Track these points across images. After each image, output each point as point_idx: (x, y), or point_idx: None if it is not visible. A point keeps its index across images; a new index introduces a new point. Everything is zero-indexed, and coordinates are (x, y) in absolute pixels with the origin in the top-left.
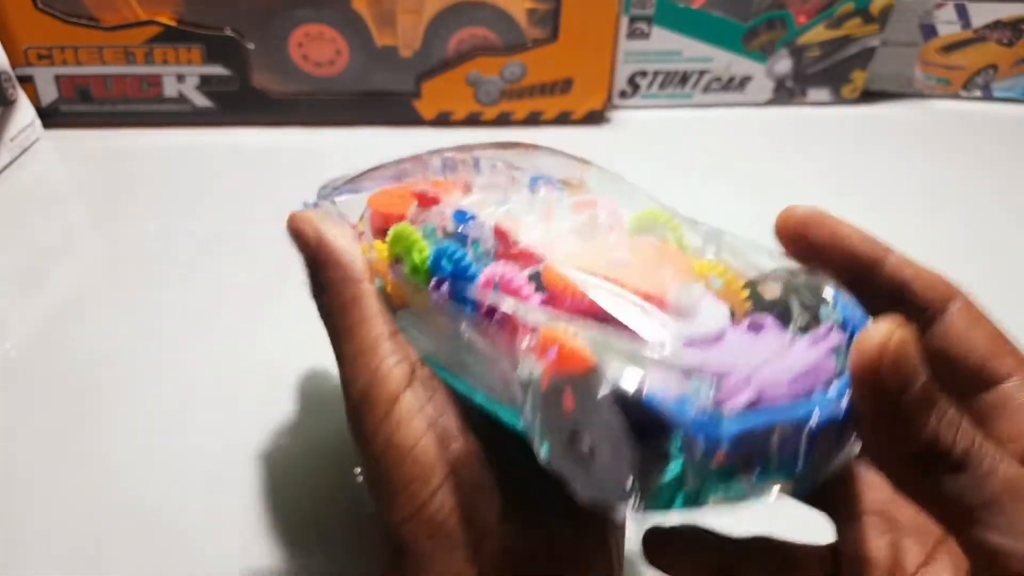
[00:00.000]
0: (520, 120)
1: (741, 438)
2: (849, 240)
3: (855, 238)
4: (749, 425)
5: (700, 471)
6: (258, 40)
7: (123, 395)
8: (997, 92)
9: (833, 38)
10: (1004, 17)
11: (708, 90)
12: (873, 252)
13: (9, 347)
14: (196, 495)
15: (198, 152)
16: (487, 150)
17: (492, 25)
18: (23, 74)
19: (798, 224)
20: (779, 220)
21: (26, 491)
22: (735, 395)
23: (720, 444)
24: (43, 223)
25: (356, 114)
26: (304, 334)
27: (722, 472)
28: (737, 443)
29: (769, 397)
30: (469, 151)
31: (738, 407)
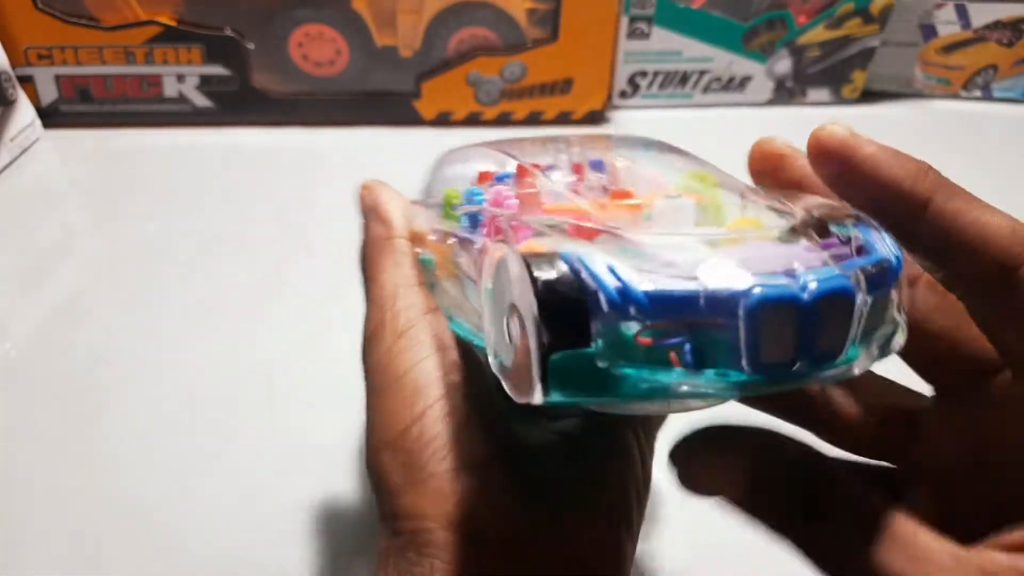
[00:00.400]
0: (520, 120)
1: (657, 305)
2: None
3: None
4: (666, 289)
5: (619, 348)
6: (258, 40)
7: (123, 395)
8: (997, 92)
9: (833, 38)
10: (1004, 17)
11: (708, 90)
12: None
13: (9, 347)
14: (196, 495)
15: (198, 152)
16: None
17: (492, 25)
18: (23, 74)
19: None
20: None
21: (26, 491)
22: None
23: (630, 308)
24: (43, 223)
25: (356, 114)
26: (304, 334)
27: (648, 355)
28: (652, 310)
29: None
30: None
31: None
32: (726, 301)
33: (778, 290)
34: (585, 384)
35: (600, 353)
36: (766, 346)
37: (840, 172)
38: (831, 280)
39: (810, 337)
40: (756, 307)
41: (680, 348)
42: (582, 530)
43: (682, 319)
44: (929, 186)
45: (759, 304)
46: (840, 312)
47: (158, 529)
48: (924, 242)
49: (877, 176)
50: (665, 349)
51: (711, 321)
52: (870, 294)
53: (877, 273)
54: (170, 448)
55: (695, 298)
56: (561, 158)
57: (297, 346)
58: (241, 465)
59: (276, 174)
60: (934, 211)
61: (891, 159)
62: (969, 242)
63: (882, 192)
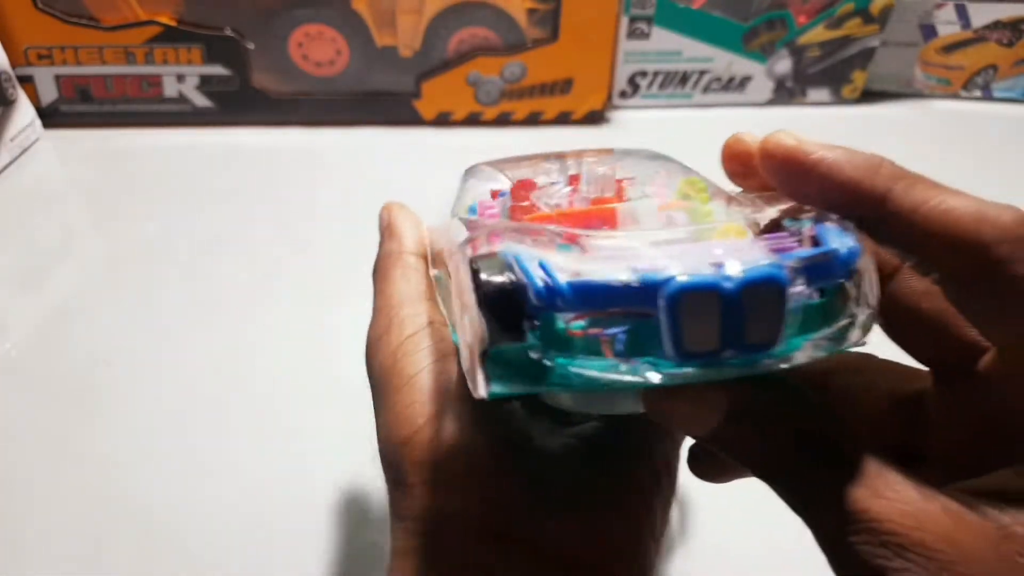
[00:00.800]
0: (520, 120)
1: (581, 295)
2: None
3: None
4: (591, 280)
5: (552, 340)
6: (258, 40)
7: (123, 394)
8: (997, 92)
9: (833, 38)
10: (1004, 17)
11: (708, 90)
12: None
13: (9, 347)
14: (196, 494)
15: (198, 152)
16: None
17: (492, 25)
18: (23, 74)
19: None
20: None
21: (26, 491)
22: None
23: (556, 300)
24: (43, 223)
25: (356, 114)
26: (303, 333)
27: (579, 346)
28: (576, 300)
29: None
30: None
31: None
32: (647, 290)
33: (699, 278)
34: (522, 376)
35: (534, 345)
36: (690, 334)
37: (792, 180)
38: (757, 269)
39: (736, 325)
40: (676, 295)
41: (613, 338)
42: (594, 529)
43: (607, 309)
44: (886, 179)
45: (679, 292)
46: (769, 301)
47: (158, 528)
48: (890, 235)
49: (831, 179)
50: (597, 339)
51: (639, 311)
52: (811, 285)
53: (819, 263)
54: (169, 447)
55: (617, 288)
56: (562, 172)
57: (296, 345)
58: (241, 464)
59: (276, 174)
60: (894, 203)
61: (842, 159)
62: (934, 230)
63: (839, 194)
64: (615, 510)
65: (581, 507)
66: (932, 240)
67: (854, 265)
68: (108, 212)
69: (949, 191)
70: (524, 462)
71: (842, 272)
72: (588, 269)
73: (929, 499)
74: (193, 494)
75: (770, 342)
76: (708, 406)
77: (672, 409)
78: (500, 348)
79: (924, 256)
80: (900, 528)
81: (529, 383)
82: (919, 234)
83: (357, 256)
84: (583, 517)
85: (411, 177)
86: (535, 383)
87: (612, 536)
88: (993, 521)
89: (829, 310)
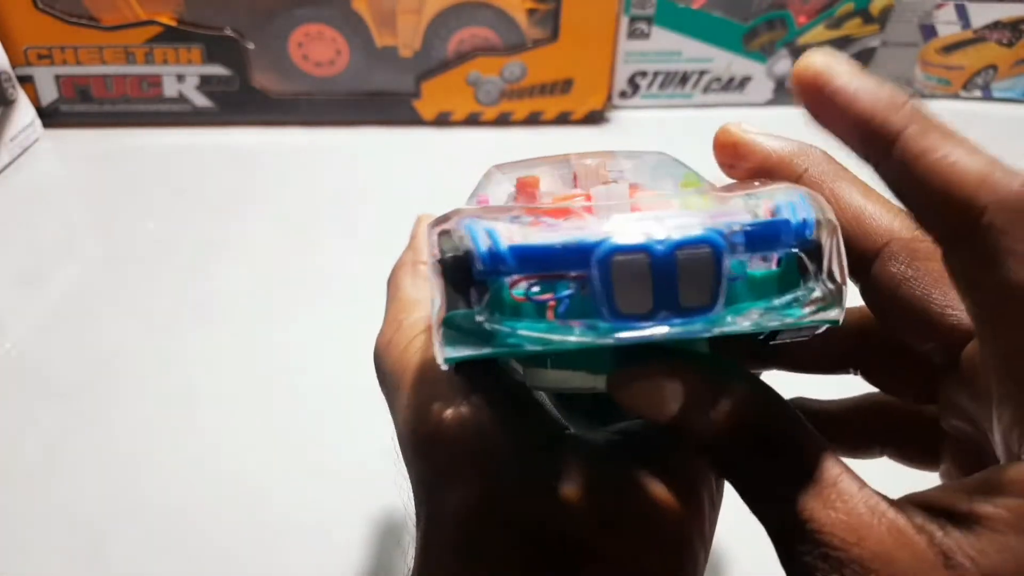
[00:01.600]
0: (520, 120)
1: (521, 258)
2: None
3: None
4: (531, 243)
5: (499, 305)
6: (258, 40)
7: (123, 394)
8: (997, 92)
9: (833, 38)
10: (1004, 17)
11: (708, 90)
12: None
13: (10, 346)
14: (196, 493)
15: (198, 152)
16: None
17: (492, 25)
18: (23, 74)
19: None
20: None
21: (27, 489)
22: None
23: (498, 264)
24: (43, 223)
25: (356, 114)
26: (303, 332)
27: (524, 310)
28: (517, 264)
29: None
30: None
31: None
32: (583, 253)
33: (630, 241)
34: (471, 340)
35: (480, 310)
36: (622, 295)
37: (816, 104)
38: (691, 231)
39: (668, 288)
40: (607, 256)
41: (559, 302)
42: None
43: (547, 272)
44: (902, 118)
45: (610, 253)
46: (703, 264)
47: (159, 527)
48: (890, 179)
49: (847, 109)
50: (543, 303)
51: (576, 274)
52: (754, 252)
53: (763, 232)
54: (169, 447)
55: (555, 250)
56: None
57: (297, 344)
58: (242, 462)
59: (276, 174)
60: (901, 146)
61: (862, 90)
62: (932, 183)
63: (852, 127)
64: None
65: (639, 512)
66: (928, 195)
67: (808, 237)
68: (108, 212)
69: (963, 144)
70: (556, 458)
71: (790, 242)
72: (533, 235)
73: (877, 515)
74: (193, 492)
75: (706, 306)
76: (666, 395)
77: (629, 396)
78: (452, 314)
79: (915, 208)
80: (840, 543)
81: (477, 346)
82: (915, 183)
83: (357, 254)
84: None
85: (411, 177)
86: (483, 346)
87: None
88: (937, 545)
89: (783, 281)
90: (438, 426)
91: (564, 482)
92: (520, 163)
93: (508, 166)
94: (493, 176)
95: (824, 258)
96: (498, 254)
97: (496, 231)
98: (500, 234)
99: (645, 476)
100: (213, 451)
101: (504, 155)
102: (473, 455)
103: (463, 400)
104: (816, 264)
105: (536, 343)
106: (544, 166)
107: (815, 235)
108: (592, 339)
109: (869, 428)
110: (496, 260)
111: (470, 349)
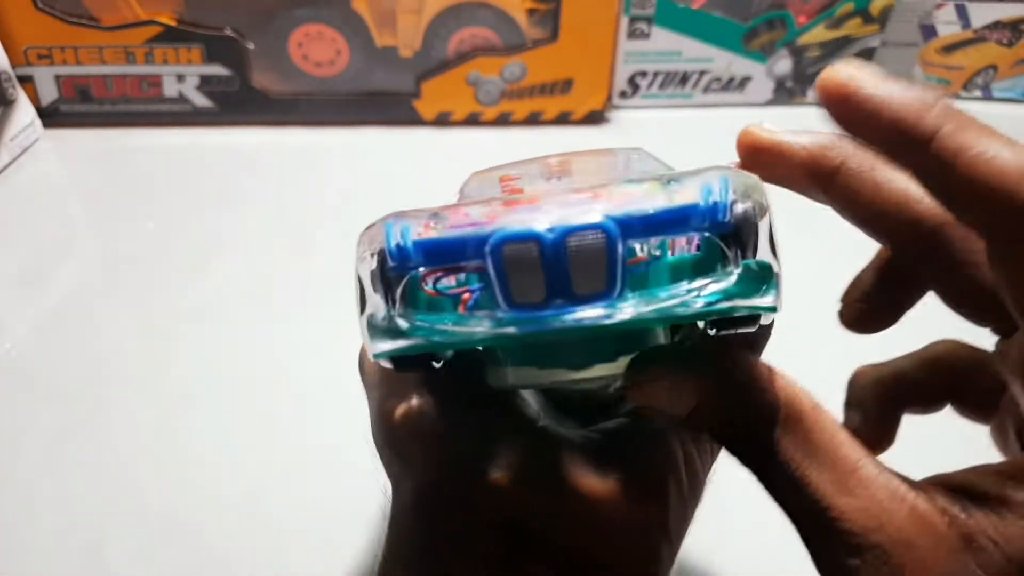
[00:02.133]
0: (520, 120)
1: (426, 252)
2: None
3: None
4: (433, 238)
5: (414, 300)
6: (258, 40)
7: (123, 394)
8: (997, 92)
9: (833, 38)
10: (1004, 17)
11: (708, 90)
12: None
13: (10, 347)
14: (195, 494)
15: (198, 152)
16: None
17: (492, 25)
18: (23, 74)
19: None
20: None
21: (27, 490)
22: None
23: (407, 259)
24: (43, 223)
25: (356, 114)
26: (303, 332)
27: (437, 304)
28: (422, 258)
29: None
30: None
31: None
32: (478, 244)
33: (518, 230)
34: (391, 336)
35: (398, 307)
36: (516, 284)
37: (845, 112)
38: (582, 219)
39: (560, 276)
40: (497, 246)
41: (472, 293)
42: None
43: (449, 264)
44: (935, 119)
45: (500, 243)
46: (595, 251)
47: (158, 527)
48: (931, 183)
49: (881, 112)
50: (457, 297)
51: (475, 266)
52: (654, 235)
53: (666, 216)
54: (169, 447)
55: (455, 243)
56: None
57: (296, 345)
58: (241, 464)
59: (276, 174)
60: (937, 147)
61: (891, 95)
62: (974, 181)
63: (886, 134)
64: (616, 502)
65: (590, 503)
66: (970, 192)
67: (722, 220)
68: (108, 212)
69: (1000, 139)
70: (514, 448)
71: (700, 225)
72: (444, 230)
73: (897, 499)
74: (193, 493)
75: (602, 292)
76: (683, 395)
77: (645, 395)
78: (374, 311)
79: (960, 209)
80: (860, 529)
81: (399, 341)
82: (957, 184)
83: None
84: (592, 513)
85: (411, 177)
86: (399, 340)
87: (610, 529)
88: (959, 527)
89: (702, 265)
90: (395, 421)
91: (517, 471)
92: (505, 165)
93: (487, 170)
94: (474, 177)
95: (747, 241)
96: (404, 249)
97: (409, 227)
98: (412, 230)
99: (600, 468)
100: (213, 451)
101: (504, 155)
102: (425, 447)
103: (413, 395)
104: (737, 248)
105: (444, 335)
106: (521, 167)
107: (730, 218)
108: (494, 331)
109: (941, 383)
110: (403, 255)
111: (392, 344)
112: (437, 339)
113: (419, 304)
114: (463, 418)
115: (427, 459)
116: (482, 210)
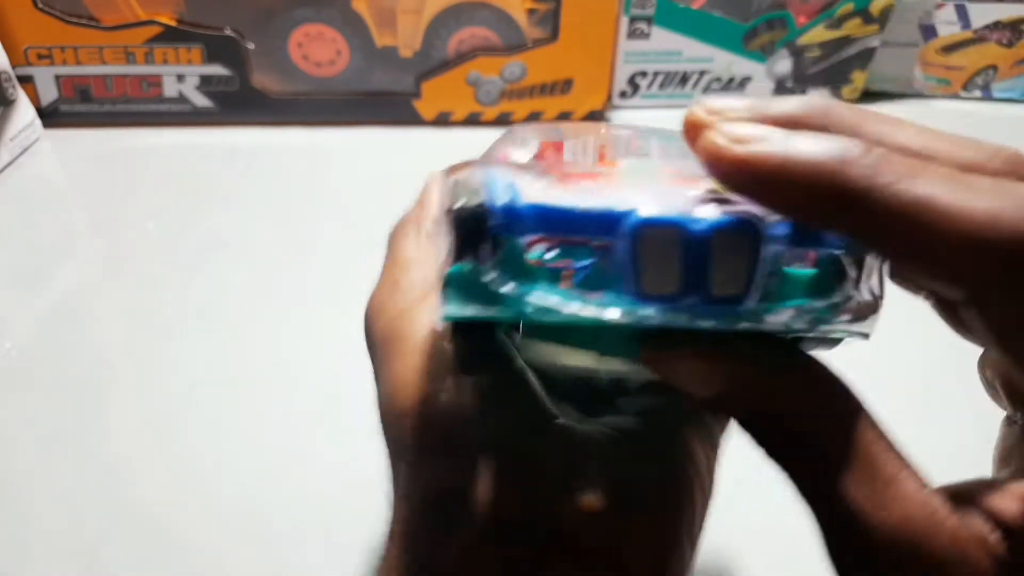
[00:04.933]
0: (520, 120)
1: (540, 218)
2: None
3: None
4: (553, 204)
5: (512, 265)
6: (258, 40)
7: (123, 395)
8: (997, 92)
9: (833, 38)
10: (1004, 17)
11: (708, 90)
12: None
13: (10, 347)
14: (196, 494)
15: (198, 152)
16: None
17: (492, 25)
18: (23, 74)
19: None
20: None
21: (27, 490)
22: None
23: (514, 222)
24: (43, 223)
25: (356, 114)
26: (304, 333)
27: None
28: (535, 224)
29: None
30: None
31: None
32: (609, 221)
33: (663, 215)
34: (476, 299)
35: (489, 268)
36: (649, 273)
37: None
38: (729, 216)
39: (699, 271)
40: (636, 228)
41: (576, 272)
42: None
43: (567, 236)
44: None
45: (640, 226)
46: (741, 251)
47: (158, 528)
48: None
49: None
50: (560, 271)
51: (600, 243)
52: (798, 247)
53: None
54: (170, 448)
55: (578, 215)
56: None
57: (298, 345)
58: (242, 464)
59: (276, 174)
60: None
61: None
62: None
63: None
64: (643, 504)
65: (603, 498)
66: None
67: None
68: (108, 212)
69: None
70: (542, 446)
71: (836, 243)
72: (559, 196)
73: (936, 523)
74: (194, 494)
75: (738, 296)
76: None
77: (669, 372)
78: (460, 269)
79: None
80: (893, 544)
81: (483, 306)
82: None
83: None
84: (606, 509)
85: (411, 177)
86: (488, 307)
87: (636, 532)
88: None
89: (820, 283)
90: (419, 402)
91: (545, 471)
92: (545, 127)
93: (531, 128)
94: (517, 133)
95: (866, 267)
96: (516, 210)
97: (517, 186)
98: (522, 189)
99: (635, 469)
100: (213, 451)
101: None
102: (447, 438)
103: (448, 378)
104: (858, 271)
105: (546, 312)
106: (569, 133)
107: None
108: (616, 315)
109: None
110: (513, 217)
111: (474, 309)
112: (538, 314)
113: (517, 271)
114: (495, 412)
115: (452, 454)
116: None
